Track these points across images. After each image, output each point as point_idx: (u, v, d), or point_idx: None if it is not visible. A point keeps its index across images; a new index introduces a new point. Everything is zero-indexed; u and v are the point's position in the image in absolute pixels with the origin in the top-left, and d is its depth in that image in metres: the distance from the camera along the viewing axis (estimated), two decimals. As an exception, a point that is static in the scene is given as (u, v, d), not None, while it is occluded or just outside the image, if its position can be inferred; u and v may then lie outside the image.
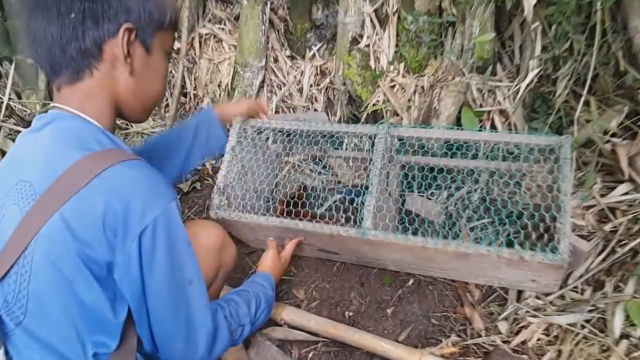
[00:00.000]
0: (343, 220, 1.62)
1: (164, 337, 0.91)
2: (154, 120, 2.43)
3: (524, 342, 1.43)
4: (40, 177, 0.83)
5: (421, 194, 1.64)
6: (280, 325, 1.57)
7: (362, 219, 1.38)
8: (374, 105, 1.85)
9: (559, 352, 1.38)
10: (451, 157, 1.58)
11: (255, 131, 1.63)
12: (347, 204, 1.66)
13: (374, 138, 1.46)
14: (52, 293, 0.81)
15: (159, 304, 0.88)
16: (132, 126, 2.44)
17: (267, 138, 1.69)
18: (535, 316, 1.44)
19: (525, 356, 1.39)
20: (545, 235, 1.34)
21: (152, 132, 2.37)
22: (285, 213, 1.53)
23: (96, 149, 0.85)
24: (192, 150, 1.46)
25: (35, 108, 2.30)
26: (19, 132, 2.21)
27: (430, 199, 1.64)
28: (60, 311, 0.82)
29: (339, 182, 1.83)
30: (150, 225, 0.82)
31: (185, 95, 2.46)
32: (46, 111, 0.96)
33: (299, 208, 1.54)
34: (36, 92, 2.36)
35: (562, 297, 1.48)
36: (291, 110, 2.20)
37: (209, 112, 1.50)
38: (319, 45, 2.23)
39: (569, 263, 1.26)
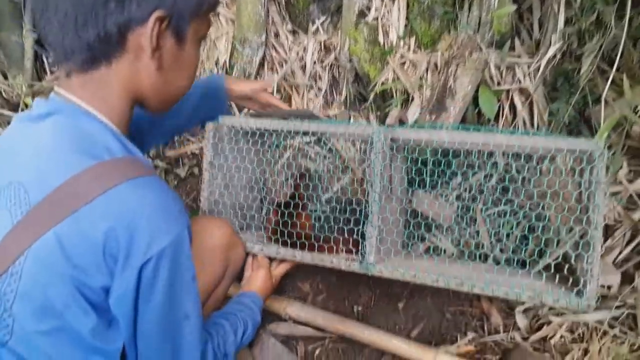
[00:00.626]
0: (343, 248, 1.36)
1: None
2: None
3: (544, 339, 1.35)
4: (36, 183, 0.74)
5: (428, 192, 1.50)
6: (285, 321, 1.49)
7: (364, 253, 1.20)
8: (382, 84, 1.73)
9: (585, 351, 1.29)
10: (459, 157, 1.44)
11: (234, 132, 1.46)
12: (346, 223, 1.44)
13: (370, 145, 1.23)
14: (39, 321, 0.73)
15: (148, 335, 0.79)
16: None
17: (249, 138, 1.52)
18: (558, 314, 1.35)
19: (547, 354, 1.31)
20: (567, 266, 1.19)
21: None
22: (278, 223, 1.39)
23: (104, 158, 0.74)
24: (193, 114, 1.35)
25: (22, 89, 2.17)
26: (2, 115, 2.10)
27: (439, 197, 1.50)
28: (49, 341, 0.73)
29: (346, 167, 1.71)
30: (155, 257, 0.73)
31: (181, 73, 2.34)
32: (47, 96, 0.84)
33: (299, 210, 1.39)
34: (23, 72, 2.23)
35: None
36: (294, 89, 2.07)
37: (219, 84, 1.40)
38: (323, 18, 2.09)
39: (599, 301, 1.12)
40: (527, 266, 1.33)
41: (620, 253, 1.40)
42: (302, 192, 1.48)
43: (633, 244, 1.40)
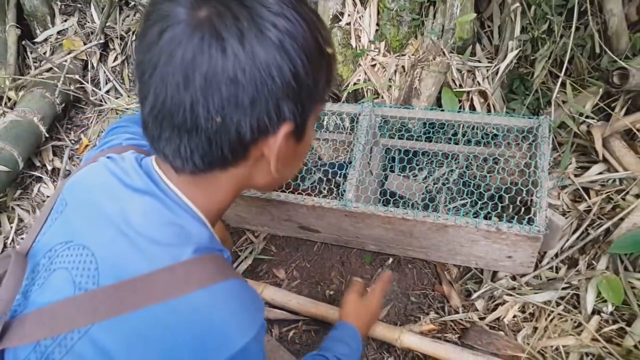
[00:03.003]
0: (326, 193, 1.65)
1: None
2: (129, 96, 2.38)
3: (498, 319, 1.47)
4: (109, 262, 0.68)
5: (402, 174, 1.66)
6: (261, 305, 1.58)
7: (344, 191, 1.41)
8: (355, 84, 1.84)
9: (535, 328, 1.42)
10: (432, 136, 1.60)
11: None
12: (330, 177, 1.69)
13: (358, 116, 1.48)
14: None
15: None
16: (105, 102, 2.39)
17: None
18: (511, 295, 1.48)
19: (501, 332, 1.43)
20: (522, 209, 1.38)
21: (127, 109, 2.32)
22: None
23: (187, 256, 0.68)
24: None
25: (5, 83, 2.22)
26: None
27: (409, 177, 1.66)
28: None
29: (320, 159, 1.83)
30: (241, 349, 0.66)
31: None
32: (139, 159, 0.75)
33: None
34: (5, 66, 2.28)
35: (537, 277, 1.52)
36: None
37: None
38: (299, 22, 2.20)
39: (545, 240, 1.30)
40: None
41: (567, 240, 1.54)
42: None
43: (579, 232, 1.54)
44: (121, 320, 0.64)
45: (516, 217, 1.41)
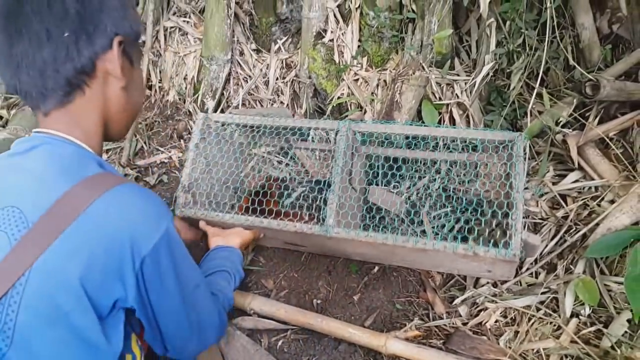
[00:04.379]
0: (307, 218, 1.67)
1: (177, 343, 0.97)
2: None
3: (481, 324, 1.51)
4: (32, 205, 0.81)
5: (385, 186, 1.70)
6: (250, 315, 1.60)
7: (325, 217, 1.42)
8: (338, 98, 1.90)
9: (516, 332, 1.46)
10: (413, 148, 1.65)
11: (220, 126, 1.66)
12: (310, 202, 1.71)
13: (336, 135, 1.52)
14: (43, 326, 0.78)
15: (171, 318, 0.92)
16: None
17: (232, 132, 1.72)
18: (493, 301, 1.52)
19: (484, 337, 1.47)
20: (499, 231, 1.41)
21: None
22: (249, 210, 1.57)
23: (87, 175, 0.84)
24: None
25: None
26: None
27: (392, 192, 1.69)
28: (50, 346, 0.79)
29: (307, 173, 1.87)
30: (153, 250, 0.83)
31: (150, 88, 2.46)
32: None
33: (268, 197, 1.58)
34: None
35: (517, 283, 1.56)
36: (258, 103, 2.22)
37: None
38: (284, 39, 2.25)
39: (523, 254, 1.34)
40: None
41: (546, 246, 1.59)
42: (271, 183, 1.66)
43: (557, 238, 1.59)
44: (61, 239, 0.77)
45: (492, 234, 1.44)
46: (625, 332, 1.33)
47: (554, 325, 1.44)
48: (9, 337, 0.77)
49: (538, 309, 1.49)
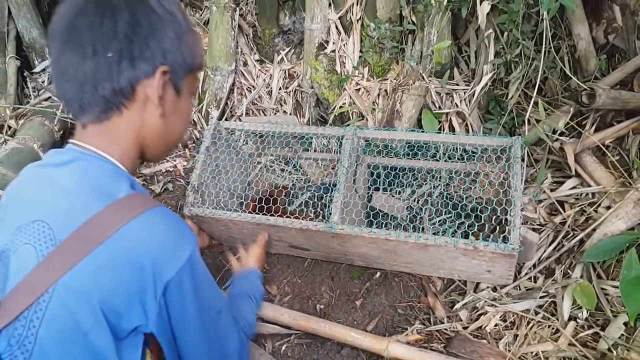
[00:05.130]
0: (312, 216, 1.72)
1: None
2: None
3: (481, 328, 1.54)
4: (61, 221, 0.81)
5: (385, 192, 1.74)
6: (254, 320, 1.64)
7: (330, 214, 1.48)
8: (340, 107, 1.94)
9: (515, 336, 1.49)
10: (413, 157, 1.69)
11: (229, 132, 1.71)
12: (316, 200, 1.76)
13: (342, 139, 1.57)
14: (63, 343, 0.79)
15: (192, 344, 0.91)
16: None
17: (240, 139, 1.77)
18: (492, 305, 1.55)
19: (484, 340, 1.50)
20: (498, 228, 1.45)
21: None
22: (257, 209, 1.62)
23: (119, 197, 0.84)
24: None
25: (5, 112, 2.30)
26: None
27: (393, 196, 1.73)
28: None
29: (309, 181, 1.91)
30: (176, 276, 0.83)
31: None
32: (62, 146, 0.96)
33: (271, 205, 1.63)
34: (5, 96, 2.36)
35: (517, 287, 1.59)
36: (261, 112, 2.27)
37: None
38: (287, 49, 2.30)
39: (522, 255, 1.38)
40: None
41: (544, 251, 1.62)
42: (279, 190, 1.71)
43: (555, 244, 1.62)
44: (88, 259, 0.78)
45: (492, 235, 1.48)
46: (622, 334, 1.35)
47: (552, 329, 1.47)
48: (29, 350, 0.78)
49: (537, 313, 1.52)
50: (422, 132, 1.51)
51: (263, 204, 1.65)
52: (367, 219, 1.71)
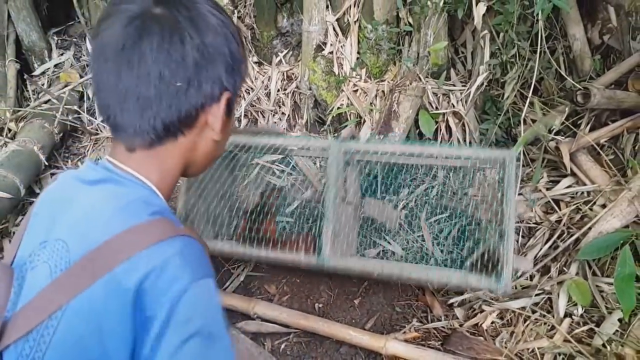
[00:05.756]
0: (302, 243, 1.60)
1: None
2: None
3: (477, 325, 1.56)
4: (78, 242, 0.77)
5: (378, 198, 1.73)
6: (254, 319, 1.65)
7: (320, 247, 1.41)
8: (338, 108, 1.96)
9: (512, 333, 1.51)
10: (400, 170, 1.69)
11: None
12: (313, 205, 1.75)
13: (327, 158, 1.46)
14: None
15: None
16: (101, 131, 2.48)
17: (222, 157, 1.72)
18: (489, 303, 1.57)
19: (480, 337, 1.52)
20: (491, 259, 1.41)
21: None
22: (247, 229, 1.60)
23: (144, 220, 0.78)
24: None
25: (5, 115, 2.32)
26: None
27: (386, 204, 1.73)
28: None
29: (306, 182, 1.93)
30: (186, 294, 0.74)
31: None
32: (97, 159, 0.87)
33: (263, 216, 1.61)
34: (5, 99, 2.38)
35: (513, 285, 1.61)
36: (259, 113, 2.28)
37: None
38: (285, 51, 2.32)
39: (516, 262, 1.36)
40: (463, 263, 1.57)
41: (540, 250, 1.64)
42: (272, 202, 1.69)
43: (550, 242, 1.64)
44: (98, 283, 0.73)
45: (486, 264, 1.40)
46: (617, 330, 1.37)
47: (548, 326, 1.49)
48: None
49: (533, 311, 1.53)
50: (415, 142, 1.46)
51: (255, 218, 1.63)
52: (361, 229, 1.70)
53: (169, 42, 0.78)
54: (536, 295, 1.55)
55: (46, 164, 2.20)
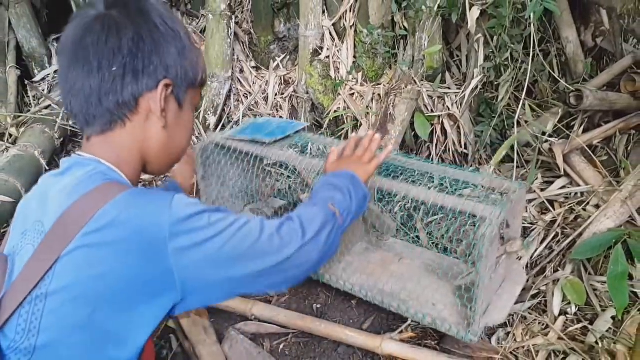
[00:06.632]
0: None
1: (260, 288, 0.94)
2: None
3: (474, 324, 1.57)
4: (50, 216, 0.84)
5: (377, 204, 1.75)
6: (252, 320, 1.66)
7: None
8: (335, 111, 1.98)
9: (507, 332, 1.53)
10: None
11: (219, 152, 1.69)
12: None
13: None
14: (68, 329, 0.79)
15: (233, 269, 0.87)
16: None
17: (234, 154, 1.73)
18: (484, 301, 1.59)
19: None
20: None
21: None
22: None
23: (98, 185, 0.85)
24: None
25: (6, 120, 2.34)
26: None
27: (384, 212, 1.74)
28: (76, 349, 0.80)
29: (307, 185, 1.94)
30: (173, 231, 0.81)
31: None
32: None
33: None
34: (6, 105, 2.41)
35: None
36: (258, 117, 2.31)
37: (175, 184, 1.53)
38: (282, 56, 2.35)
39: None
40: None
41: (535, 250, 1.66)
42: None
43: (546, 242, 1.66)
44: (72, 244, 0.79)
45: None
46: (610, 328, 1.39)
47: (543, 325, 1.51)
48: (32, 345, 0.78)
49: (529, 310, 1.55)
50: (412, 157, 1.42)
51: None
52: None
53: (106, 35, 0.87)
54: (531, 295, 1.56)
55: (47, 168, 2.22)
